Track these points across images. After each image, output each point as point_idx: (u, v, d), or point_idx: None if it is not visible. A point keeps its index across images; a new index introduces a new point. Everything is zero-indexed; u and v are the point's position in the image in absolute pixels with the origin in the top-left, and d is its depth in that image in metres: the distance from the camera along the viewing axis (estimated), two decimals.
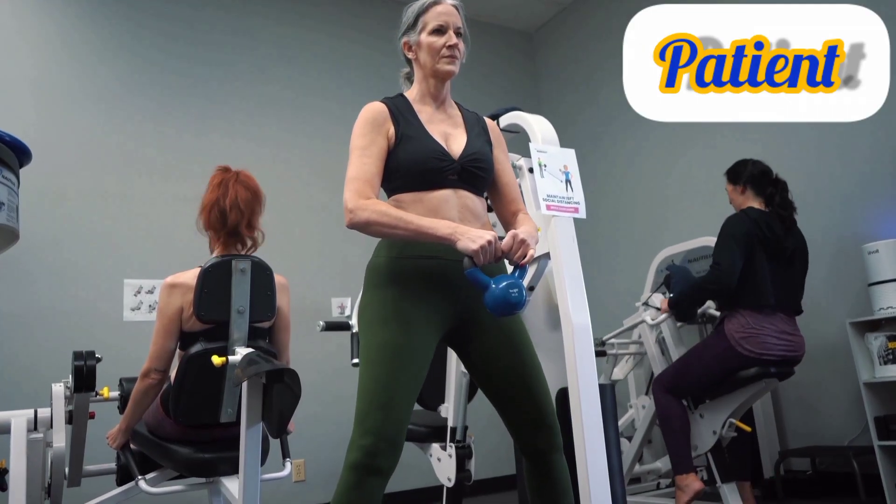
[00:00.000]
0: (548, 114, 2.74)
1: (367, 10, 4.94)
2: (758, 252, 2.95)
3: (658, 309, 3.36)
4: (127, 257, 3.75)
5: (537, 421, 1.67)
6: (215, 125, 4.20)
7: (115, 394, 2.59)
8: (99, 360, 2.26)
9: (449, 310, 1.68)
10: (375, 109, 1.74)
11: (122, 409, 2.54)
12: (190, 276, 2.15)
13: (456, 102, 1.90)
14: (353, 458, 1.49)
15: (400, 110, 1.76)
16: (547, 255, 2.51)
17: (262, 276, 2.21)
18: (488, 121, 1.93)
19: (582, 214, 2.49)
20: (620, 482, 2.58)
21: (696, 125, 4.32)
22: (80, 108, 3.84)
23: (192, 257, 2.74)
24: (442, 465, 2.99)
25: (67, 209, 3.66)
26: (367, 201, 1.61)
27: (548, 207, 2.40)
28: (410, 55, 1.83)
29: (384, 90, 4.60)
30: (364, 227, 1.60)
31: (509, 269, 1.72)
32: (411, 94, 1.83)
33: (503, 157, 1.90)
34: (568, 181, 2.51)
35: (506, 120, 2.78)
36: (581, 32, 5.28)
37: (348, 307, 4.23)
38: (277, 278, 2.28)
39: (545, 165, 2.47)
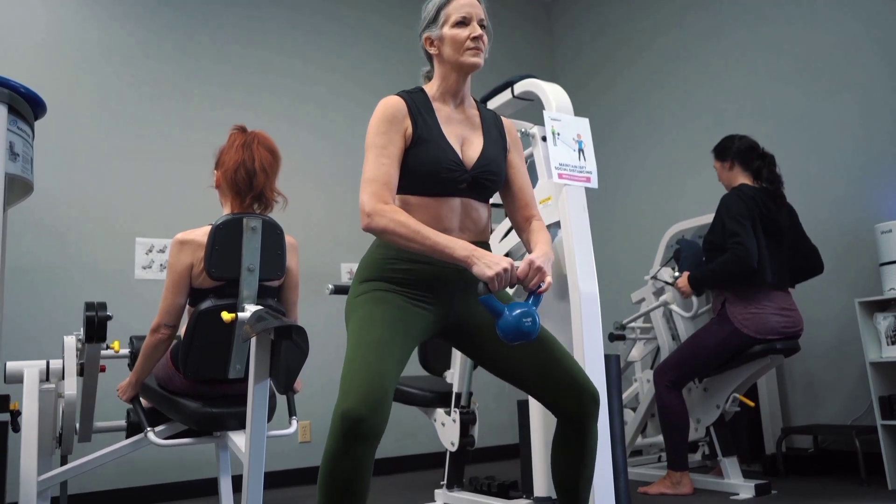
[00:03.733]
0: (562, 82, 2.72)
1: None
2: (756, 230, 2.97)
3: (672, 284, 3.34)
4: (139, 216, 3.77)
5: (577, 389, 1.64)
6: (230, 86, 4.19)
7: (126, 350, 2.62)
8: (109, 317, 2.29)
9: (441, 312, 1.69)
10: (394, 106, 1.69)
11: (132, 365, 2.58)
12: (201, 233, 2.17)
13: (475, 100, 1.86)
14: (337, 426, 1.44)
15: (418, 107, 1.71)
16: (557, 224, 2.51)
17: (273, 235, 2.22)
18: (506, 121, 1.89)
19: (594, 184, 2.49)
20: (622, 450, 2.61)
21: (713, 101, 4.29)
22: (96, 64, 3.83)
23: (204, 218, 2.75)
24: (446, 430, 3.03)
25: (81, 165, 3.68)
26: (386, 207, 1.58)
27: (559, 176, 2.40)
28: (432, 50, 1.77)
29: (391, 57, 4.57)
30: (380, 233, 1.59)
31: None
32: (430, 89, 1.78)
33: (519, 161, 1.85)
34: (581, 150, 2.50)
35: (520, 87, 2.76)
36: (599, 4, 5.20)
37: None
38: (287, 239, 2.29)
39: (558, 134, 2.47)
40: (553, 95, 2.61)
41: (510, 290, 2.40)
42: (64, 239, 3.56)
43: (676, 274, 3.37)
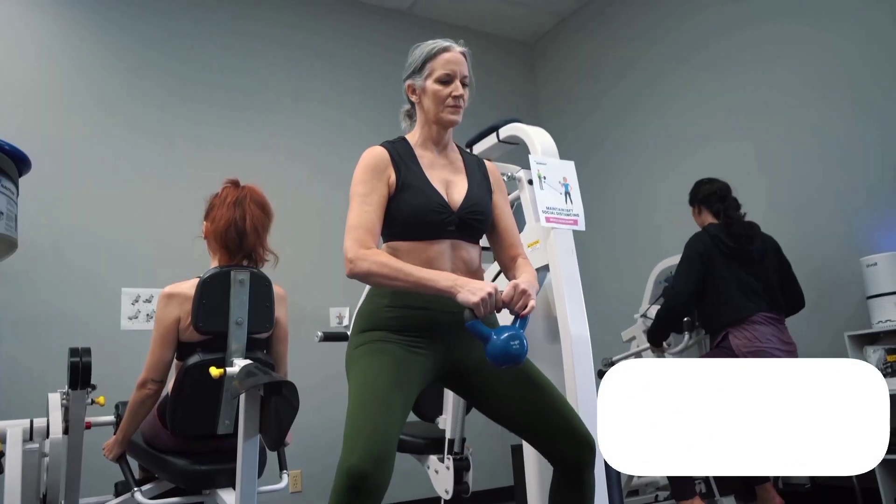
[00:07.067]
0: (547, 122, 2.75)
1: (370, 19, 4.95)
2: (725, 264, 3.03)
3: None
4: (125, 265, 3.74)
5: (573, 436, 1.64)
6: (216, 132, 4.20)
7: (111, 418, 2.56)
8: (93, 387, 2.25)
9: (438, 359, 1.69)
10: (377, 155, 1.73)
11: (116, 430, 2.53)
12: (188, 286, 2.15)
13: (458, 146, 1.90)
14: (341, 481, 1.44)
15: (401, 156, 1.75)
16: (546, 268, 2.51)
17: (261, 288, 2.20)
18: (489, 164, 1.93)
19: (581, 227, 2.49)
20: (619, 493, 2.57)
21: (696, 137, 4.34)
22: (81, 113, 3.83)
23: (191, 266, 2.73)
24: (439, 477, 2.98)
25: (66, 215, 3.65)
26: (368, 251, 1.61)
27: (547, 220, 2.41)
28: (414, 98, 1.82)
29: (386, 97, 4.61)
30: (364, 277, 1.60)
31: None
32: (413, 137, 1.82)
33: (503, 202, 1.89)
34: (567, 193, 2.51)
35: (505, 132, 2.78)
36: (581, 44, 5.29)
37: (346, 317, 4.22)
38: (276, 289, 2.28)
39: (544, 177, 2.48)
40: (538, 139, 2.62)
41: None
42: (49, 288, 3.52)
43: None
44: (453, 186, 1.77)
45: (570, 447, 1.63)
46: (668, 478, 3.04)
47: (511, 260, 1.85)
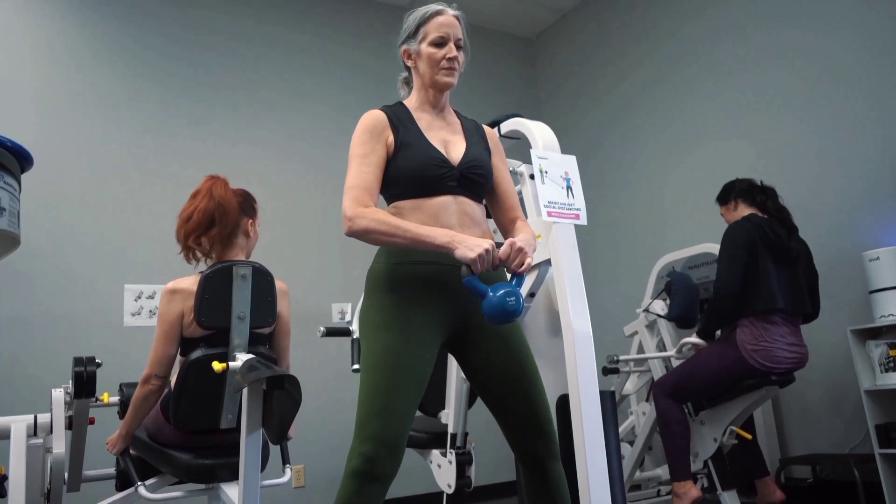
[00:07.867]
0: (548, 119, 2.75)
1: (369, 16, 4.95)
2: (762, 255, 2.95)
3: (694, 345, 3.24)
4: (127, 262, 3.75)
5: (534, 428, 1.68)
6: (217, 130, 4.21)
7: (115, 399, 2.59)
8: (99, 364, 2.27)
9: (448, 315, 1.68)
10: (375, 117, 1.74)
11: (121, 414, 2.54)
12: (190, 281, 2.15)
13: (454, 110, 1.91)
14: (353, 466, 1.49)
15: (399, 118, 1.77)
16: (548, 262, 2.51)
17: (263, 282, 2.21)
18: (486, 128, 1.94)
19: (583, 221, 2.49)
20: (621, 489, 2.57)
21: (697, 136, 4.34)
22: (82, 112, 3.84)
23: (193, 262, 2.73)
24: (442, 471, 2.99)
25: (68, 214, 3.67)
26: (366, 209, 1.61)
27: (549, 214, 2.40)
28: (410, 63, 1.84)
29: (386, 96, 4.63)
30: (362, 235, 1.60)
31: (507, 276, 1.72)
32: (410, 101, 1.84)
33: (501, 165, 1.90)
34: (569, 188, 2.51)
35: (507, 126, 2.78)
36: (581, 38, 5.29)
37: (349, 312, 4.23)
38: (278, 284, 2.28)
39: (546, 172, 2.48)
40: (539, 134, 2.62)
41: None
42: (52, 286, 3.53)
43: (665, 306, 3.35)
44: (452, 146, 1.79)
45: (538, 441, 1.68)
46: (667, 457, 3.04)
47: (510, 222, 1.86)
